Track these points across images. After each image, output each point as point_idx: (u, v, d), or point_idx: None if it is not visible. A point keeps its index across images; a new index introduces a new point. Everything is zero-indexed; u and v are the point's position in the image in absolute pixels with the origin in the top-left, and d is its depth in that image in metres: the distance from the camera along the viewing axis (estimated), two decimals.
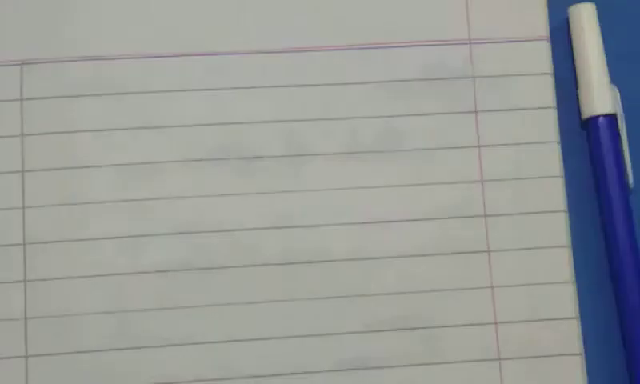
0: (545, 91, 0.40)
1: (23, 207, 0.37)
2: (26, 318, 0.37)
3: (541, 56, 0.40)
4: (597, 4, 0.40)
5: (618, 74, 0.40)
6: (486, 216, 0.39)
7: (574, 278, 0.38)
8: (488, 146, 0.39)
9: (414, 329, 0.38)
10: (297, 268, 0.38)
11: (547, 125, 0.39)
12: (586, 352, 0.38)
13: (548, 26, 0.40)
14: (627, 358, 0.38)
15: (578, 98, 0.40)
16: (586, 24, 0.40)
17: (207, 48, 0.39)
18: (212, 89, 0.39)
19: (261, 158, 0.38)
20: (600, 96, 0.40)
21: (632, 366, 0.38)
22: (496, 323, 0.38)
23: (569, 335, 0.38)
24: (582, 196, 0.40)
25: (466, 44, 0.40)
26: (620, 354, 0.38)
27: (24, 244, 0.37)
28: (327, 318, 0.37)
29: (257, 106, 0.39)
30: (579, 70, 0.40)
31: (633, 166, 0.40)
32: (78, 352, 0.37)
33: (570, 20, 0.41)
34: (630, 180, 0.39)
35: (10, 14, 0.39)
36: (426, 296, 0.38)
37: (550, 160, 0.39)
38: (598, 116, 0.40)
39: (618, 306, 0.39)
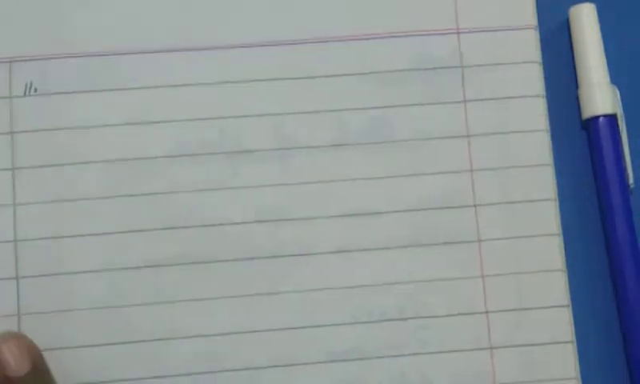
0: (533, 80, 0.40)
1: (14, 204, 0.37)
2: (19, 315, 0.37)
3: (529, 44, 0.40)
4: (597, 4, 0.40)
5: (618, 74, 0.40)
6: (475, 205, 0.39)
7: (564, 266, 0.38)
8: (477, 135, 0.39)
9: (405, 319, 0.38)
10: (287, 260, 0.38)
11: (536, 113, 0.39)
12: (585, 354, 0.38)
13: (536, 15, 0.40)
14: (627, 359, 0.38)
15: (578, 98, 0.40)
16: (586, 24, 0.40)
17: (194, 43, 0.39)
18: (200, 83, 0.39)
19: (250, 151, 0.38)
20: (600, 96, 0.40)
21: (632, 365, 0.38)
22: (487, 312, 0.38)
23: (560, 323, 0.38)
24: (583, 196, 0.40)
25: (454, 33, 0.40)
26: (619, 352, 0.38)
27: (15, 241, 0.37)
28: (318, 310, 0.37)
29: (245, 99, 0.39)
30: (579, 70, 0.40)
31: (633, 166, 0.40)
32: (71, 347, 0.37)
33: (570, 20, 0.41)
34: (630, 180, 0.39)
35: None
36: (417, 286, 0.38)
37: (539, 148, 0.39)
38: (599, 116, 0.40)
39: (618, 304, 0.39)
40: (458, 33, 0.40)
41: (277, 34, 0.39)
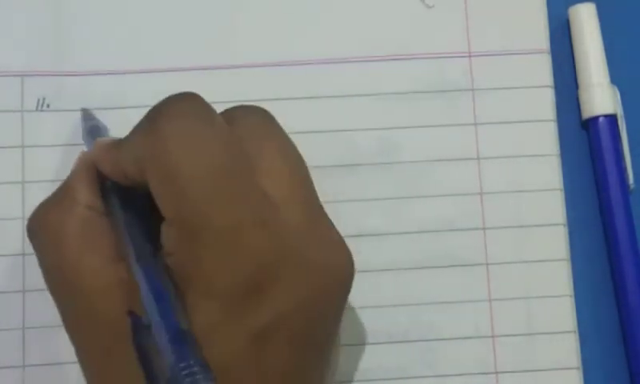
0: (544, 104, 0.40)
1: (23, 218, 0.37)
2: (24, 328, 0.37)
3: (540, 68, 0.40)
4: (597, 4, 0.41)
5: (618, 74, 0.40)
6: (484, 229, 0.38)
7: (572, 292, 0.38)
8: (487, 158, 0.39)
9: (412, 341, 0.37)
10: None
11: (547, 137, 0.39)
12: (585, 359, 0.38)
13: (548, 39, 0.40)
14: (629, 363, 0.38)
15: (578, 98, 0.40)
16: (585, 24, 0.40)
17: (206, 62, 0.39)
18: (211, 102, 0.39)
19: None
20: (600, 96, 0.40)
21: (633, 370, 0.38)
22: (493, 336, 0.38)
23: (567, 349, 0.38)
24: (582, 196, 0.40)
25: (466, 56, 0.40)
26: (621, 363, 0.38)
27: (23, 254, 0.37)
28: None
29: None
30: (579, 70, 0.40)
31: (633, 166, 0.40)
32: (75, 362, 0.37)
33: (570, 20, 0.41)
34: (630, 180, 0.39)
35: (11, 25, 0.39)
36: (424, 308, 0.38)
37: (549, 173, 0.39)
38: (598, 116, 0.40)
39: (618, 306, 0.39)
40: (470, 56, 0.40)
41: (289, 54, 0.39)
